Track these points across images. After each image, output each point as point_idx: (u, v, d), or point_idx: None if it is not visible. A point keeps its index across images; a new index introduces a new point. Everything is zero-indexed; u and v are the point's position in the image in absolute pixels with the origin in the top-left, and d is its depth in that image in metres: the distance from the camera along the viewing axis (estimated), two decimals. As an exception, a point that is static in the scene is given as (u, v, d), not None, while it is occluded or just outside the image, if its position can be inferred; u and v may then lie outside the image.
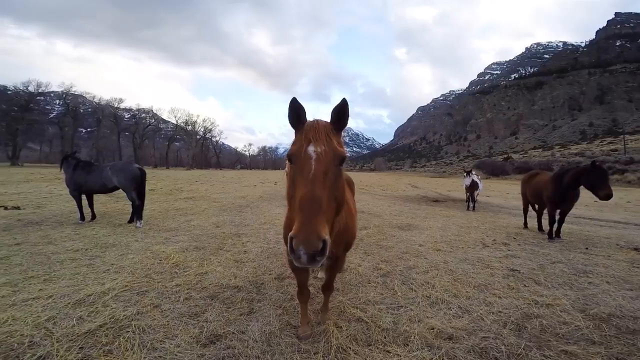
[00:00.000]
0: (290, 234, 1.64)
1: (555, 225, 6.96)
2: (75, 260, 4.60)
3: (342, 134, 2.09)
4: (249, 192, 17.44)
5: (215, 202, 12.15)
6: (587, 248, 6.21)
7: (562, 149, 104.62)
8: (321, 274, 4.12)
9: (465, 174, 12.92)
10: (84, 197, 7.65)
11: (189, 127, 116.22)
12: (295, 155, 1.89)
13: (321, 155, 1.82)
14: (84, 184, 7.38)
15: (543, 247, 6.27)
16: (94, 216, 7.73)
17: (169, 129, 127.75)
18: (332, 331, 2.88)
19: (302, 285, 2.89)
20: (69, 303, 3.18)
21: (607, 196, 5.82)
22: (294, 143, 1.96)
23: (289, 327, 2.99)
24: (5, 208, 8.80)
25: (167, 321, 2.96)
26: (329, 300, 3.22)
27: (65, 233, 6.22)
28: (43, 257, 4.64)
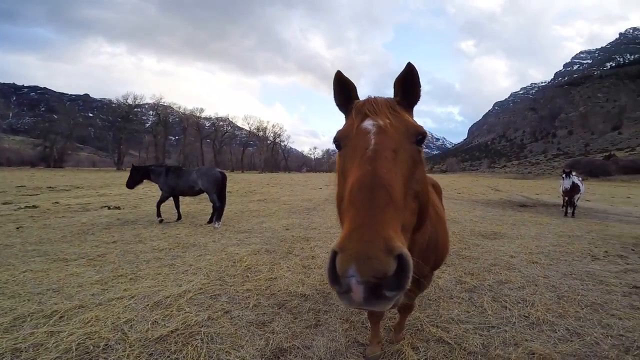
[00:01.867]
0: (332, 246, 0.96)
1: None
2: (159, 259, 4.89)
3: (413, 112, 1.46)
4: (315, 194, 17.60)
5: (285, 205, 12.41)
6: None
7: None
8: None
9: (563, 175, 11.49)
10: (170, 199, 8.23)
11: (261, 133, 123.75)
12: (344, 136, 1.35)
13: (386, 127, 1.24)
14: (176, 187, 8.00)
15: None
16: (179, 217, 8.34)
17: (243, 135, 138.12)
18: (407, 353, 2.56)
19: None
20: (148, 305, 3.28)
21: None
22: (343, 126, 1.44)
23: (356, 344, 2.75)
24: (109, 208, 10.10)
25: (235, 330, 2.89)
26: (406, 319, 2.82)
27: (154, 232, 6.77)
28: (132, 256, 5.03)
